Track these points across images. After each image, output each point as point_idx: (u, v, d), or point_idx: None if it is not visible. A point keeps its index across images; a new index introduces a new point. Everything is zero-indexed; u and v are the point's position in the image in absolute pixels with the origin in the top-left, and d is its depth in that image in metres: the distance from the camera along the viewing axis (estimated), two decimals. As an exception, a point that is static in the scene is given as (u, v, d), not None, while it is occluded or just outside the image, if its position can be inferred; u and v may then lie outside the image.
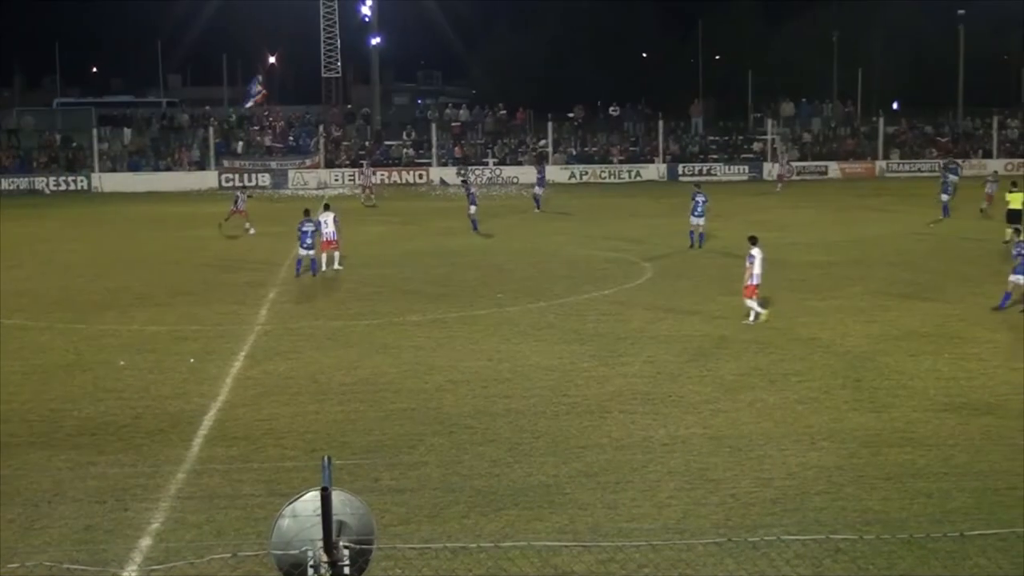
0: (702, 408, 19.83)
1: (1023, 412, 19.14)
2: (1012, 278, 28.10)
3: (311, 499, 9.36)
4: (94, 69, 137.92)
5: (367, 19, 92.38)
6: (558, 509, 15.02)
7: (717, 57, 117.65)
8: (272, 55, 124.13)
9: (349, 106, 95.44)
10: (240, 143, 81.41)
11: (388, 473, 16.44)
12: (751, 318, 27.04)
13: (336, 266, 36.24)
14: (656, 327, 26.99)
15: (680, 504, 15.09)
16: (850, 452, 17.23)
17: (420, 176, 78.81)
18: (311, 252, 35.24)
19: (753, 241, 27.75)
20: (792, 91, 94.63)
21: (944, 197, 50.68)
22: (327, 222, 36.52)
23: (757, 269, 27.13)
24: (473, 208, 47.47)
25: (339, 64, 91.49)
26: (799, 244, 41.72)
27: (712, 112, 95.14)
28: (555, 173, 73.24)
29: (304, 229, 35.17)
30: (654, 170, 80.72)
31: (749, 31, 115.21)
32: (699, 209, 41.40)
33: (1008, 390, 20.65)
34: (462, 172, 75.21)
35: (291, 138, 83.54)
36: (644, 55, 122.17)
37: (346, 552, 8.94)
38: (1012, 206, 42.47)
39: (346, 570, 8.73)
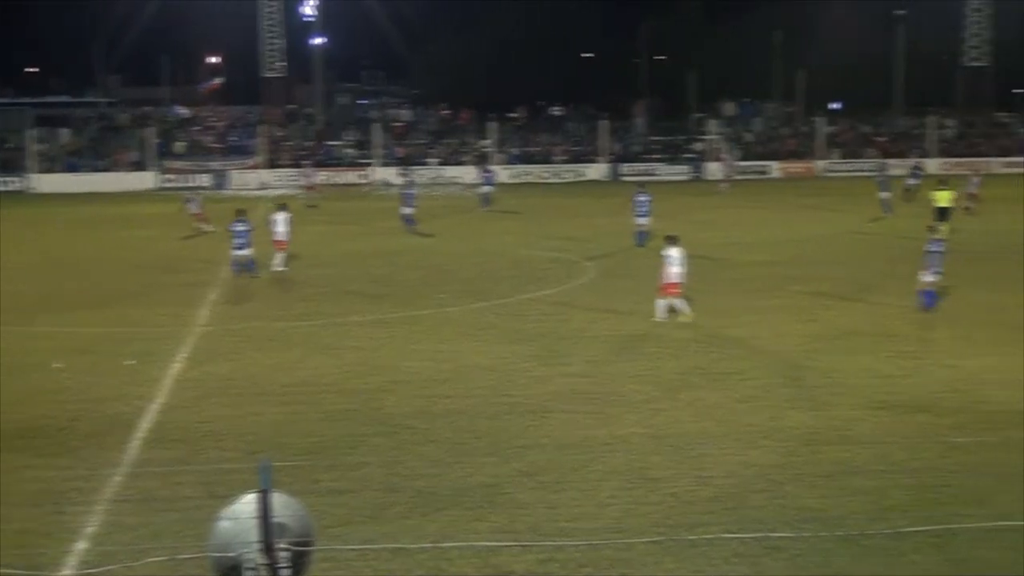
0: (642, 407, 19.90)
1: (957, 409, 19.42)
2: (922, 276, 28.26)
3: (250, 501, 9.32)
4: (32, 69, 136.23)
5: (307, 18, 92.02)
6: (498, 509, 15.02)
7: (660, 57, 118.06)
8: (214, 55, 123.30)
9: (291, 106, 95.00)
10: (181, 144, 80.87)
11: (329, 474, 16.37)
12: (685, 313, 27.22)
13: (280, 267, 36.01)
14: (597, 327, 27.07)
15: (620, 503, 15.13)
16: (789, 450, 17.34)
17: (362, 176, 78.61)
18: (245, 252, 34.96)
19: (669, 241, 27.98)
20: (734, 91, 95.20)
21: (885, 195, 51.16)
22: (279, 221, 36.42)
23: (673, 268, 27.33)
24: (408, 210, 47.56)
25: (281, 64, 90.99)
26: (741, 243, 42.04)
27: (655, 112, 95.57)
28: (498, 173, 73.27)
29: (236, 229, 34.93)
30: (597, 170, 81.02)
31: (692, 32, 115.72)
32: (643, 209, 41.64)
33: (942, 388, 20.90)
34: (404, 172, 75.03)
35: (232, 138, 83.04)
36: (587, 55, 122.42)
37: (285, 554, 8.91)
38: (939, 204, 43.09)
39: (285, 572, 8.71)
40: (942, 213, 42.13)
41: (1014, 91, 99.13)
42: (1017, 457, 16.70)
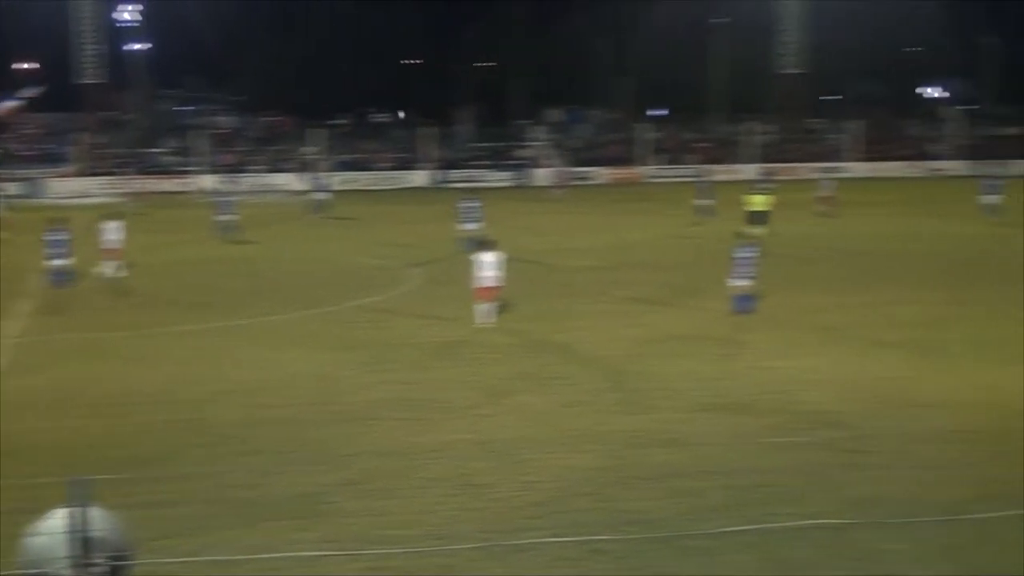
0: (467, 413, 19.94)
1: (773, 410, 19.89)
2: (732, 281, 28.83)
3: (62, 516, 9.08)
4: None
5: (122, 24, 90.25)
6: (324, 518, 14.88)
7: (486, 64, 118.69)
8: (29, 60, 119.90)
9: (111, 113, 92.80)
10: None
11: (149, 487, 15.97)
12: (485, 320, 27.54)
13: (111, 275, 35.19)
14: (422, 333, 27.06)
15: (445, 510, 15.12)
16: (613, 454, 17.52)
17: (185, 184, 77.23)
18: (62, 262, 34.05)
19: (483, 246, 28.37)
20: (561, 97, 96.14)
21: (706, 202, 51.97)
22: (111, 229, 35.63)
23: (486, 273, 27.64)
24: (226, 217, 47.04)
25: (100, 69, 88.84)
26: (566, 249, 42.42)
27: (480, 119, 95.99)
28: (330, 180, 72.77)
29: (51, 239, 34.04)
30: (421, 177, 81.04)
31: (518, 37, 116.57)
32: (471, 215, 41.70)
33: (760, 389, 21.36)
34: (225, 180, 73.94)
35: (48, 146, 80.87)
36: (413, 61, 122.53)
37: (102, 569, 8.71)
38: (754, 208, 43.87)
39: (101, 588, 8.52)
40: (756, 217, 42.89)
41: (823, 98, 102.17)
42: (829, 456, 17.20)
